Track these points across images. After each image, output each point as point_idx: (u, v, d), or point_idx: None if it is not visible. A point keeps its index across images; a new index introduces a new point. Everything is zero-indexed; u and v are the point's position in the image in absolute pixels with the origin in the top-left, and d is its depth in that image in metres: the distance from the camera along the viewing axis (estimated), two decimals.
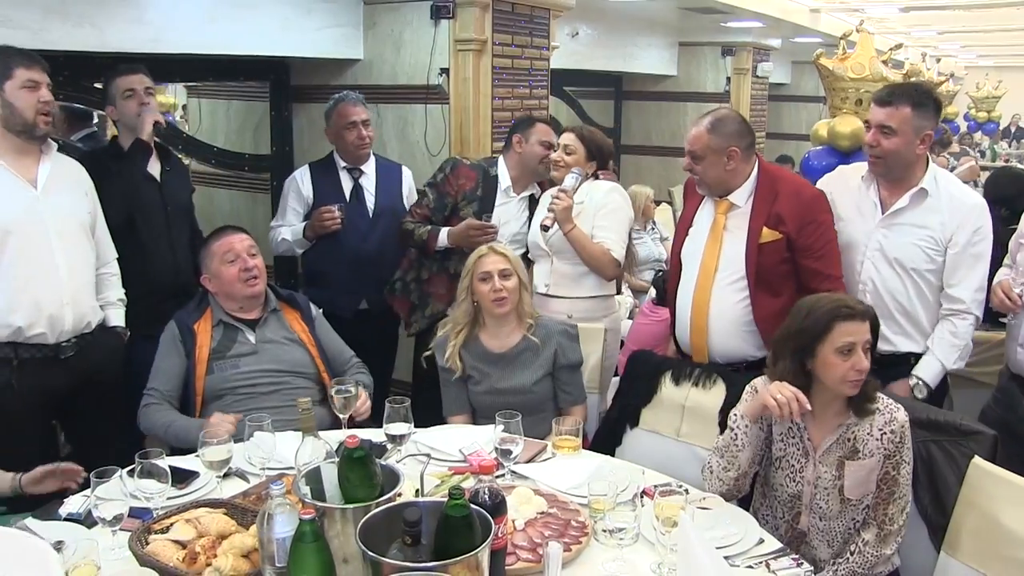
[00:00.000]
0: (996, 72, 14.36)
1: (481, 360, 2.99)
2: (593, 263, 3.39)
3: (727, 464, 2.33)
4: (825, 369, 2.22)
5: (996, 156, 11.64)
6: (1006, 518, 2.07)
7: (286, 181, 3.87)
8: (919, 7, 8.59)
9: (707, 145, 2.85)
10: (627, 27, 7.28)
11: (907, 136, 2.78)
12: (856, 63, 4.06)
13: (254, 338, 2.91)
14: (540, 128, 3.63)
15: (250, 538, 1.86)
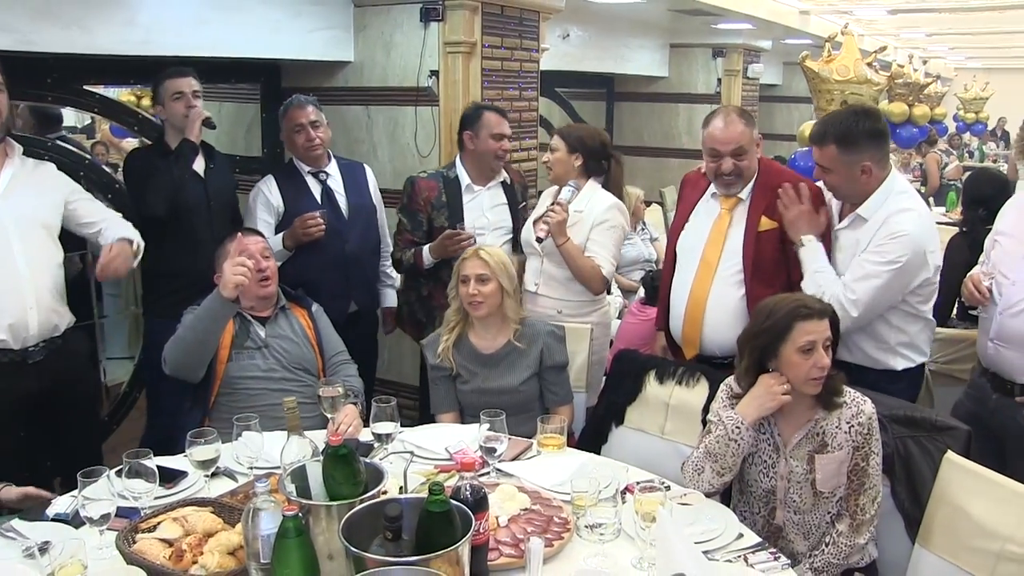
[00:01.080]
0: (984, 74, 14.45)
1: (470, 360, 3.03)
2: (582, 277, 3.42)
3: (722, 470, 2.35)
4: (789, 369, 2.28)
5: (984, 156, 11.71)
6: (976, 510, 2.12)
7: (251, 193, 3.79)
8: (906, 9, 8.63)
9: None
10: (618, 29, 7.31)
11: (840, 172, 2.84)
12: (841, 65, 4.09)
13: (264, 333, 2.98)
14: (489, 119, 3.61)
15: (236, 536, 1.89)
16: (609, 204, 3.48)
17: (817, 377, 2.26)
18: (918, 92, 6.87)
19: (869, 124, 2.82)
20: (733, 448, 2.33)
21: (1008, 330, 2.79)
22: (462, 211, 3.64)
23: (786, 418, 2.36)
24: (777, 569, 2.03)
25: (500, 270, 2.96)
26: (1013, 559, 2.02)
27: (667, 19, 7.50)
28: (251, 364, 2.92)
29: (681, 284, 3.11)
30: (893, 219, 2.77)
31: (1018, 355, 2.79)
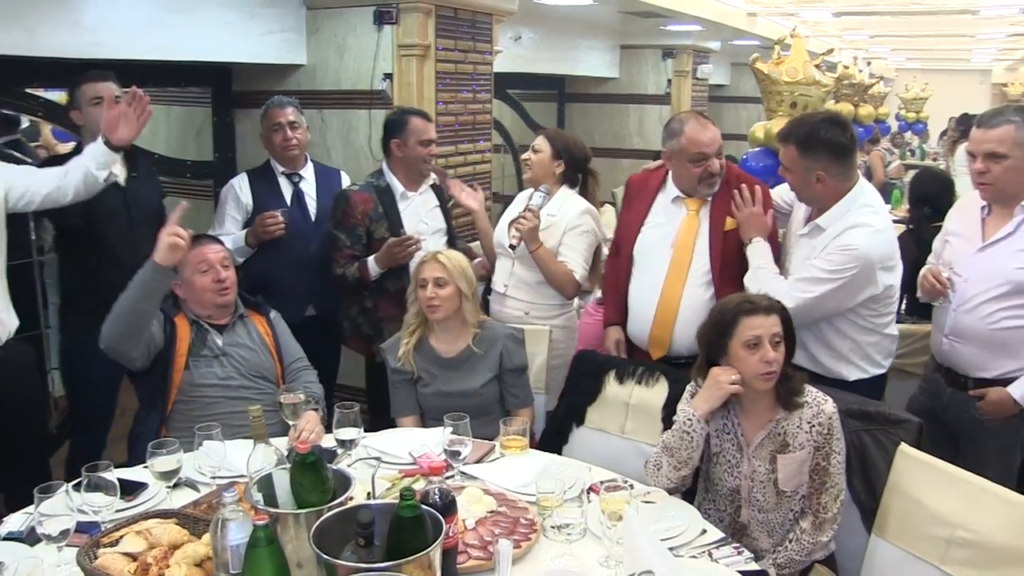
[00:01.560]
0: (923, 75, 14.81)
1: (430, 363, 3.03)
2: (554, 282, 3.44)
3: (679, 463, 2.39)
4: (737, 363, 2.33)
5: (925, 155, 11.99)
6: (928, 499, 2.19)
7: (223, 189, 3.83)
8: (851, 12, 8.81)
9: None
10: (569, 31, 7.35)
11: (797, 174, 2.90)
12: (790, 67, 4.15)
13: (221, 341, 2.94)
14: (415, 125, 3.56)
15: (203, 547, 1.87)
16: (582, 209, 3.49)
17: (765, 372, 2.30)
18: (863, 93, 7.02)
19: (832, 135, 2.84)
20: (687, 441, 2.37)
21: (962, 326, 2.87)
22: (400, 219, 3.60)
23: (748, 418, 2.40)
24: (741, 563, 2.07)
25: (458, 274, 2.96)
26: (963, 544, 2.08)
27: (617, 21, 7.57)
28: (208, 372, 2.88)
29: (646, 287, 3.13)
30: (847, 233, 2.80)
31: (972, 350, 2.87)
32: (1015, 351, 2.80)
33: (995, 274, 2.79)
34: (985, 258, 2.84)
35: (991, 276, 2.80)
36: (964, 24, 10.27)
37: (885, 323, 2.93)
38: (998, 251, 2.82)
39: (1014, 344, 2.80)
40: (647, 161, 8.30)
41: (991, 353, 2.84)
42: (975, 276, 2.85)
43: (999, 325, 2.79)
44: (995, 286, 2.79)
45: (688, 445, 2.37)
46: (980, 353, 2.86)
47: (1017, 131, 2.72)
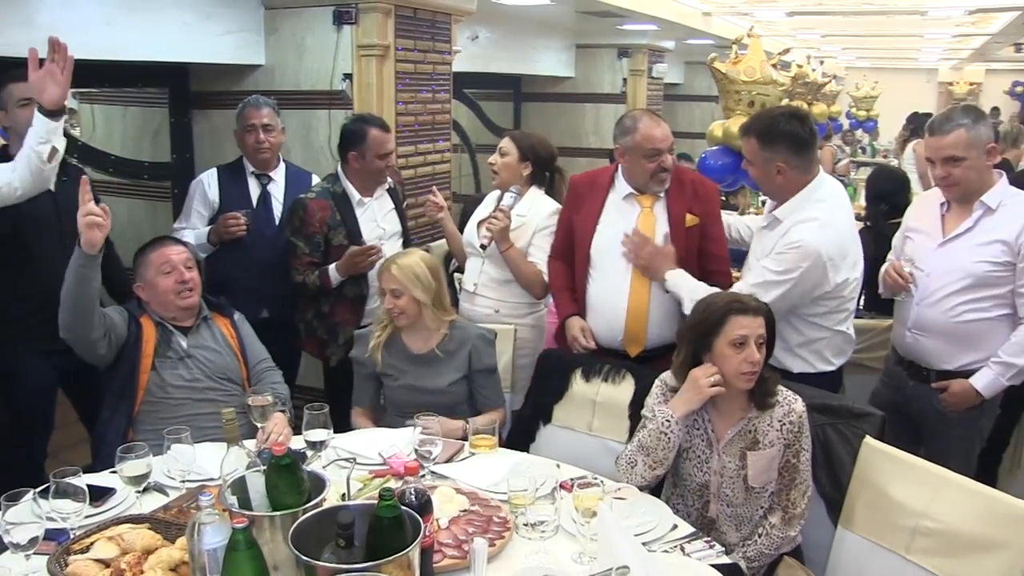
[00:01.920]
0: (872, 73, 15.10)
1: (400, 358, 3.04)
2: (524, 282, 3.46)
3: (655, 463, 2.42)
4: (721, 362, 2.35)
5: (876, 152, 12.22)
6: (894, 491, 2.25)
7: (192, 183, 3.82)
8: (803, 12, 8.95)
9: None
10: (526, 30, 7.37)
11: (758, 167, 2.95)
12: (748, 66, 4.22)
13: (186, 343, 2.92)
14: (374, 139, 3.52)
15: (177, 551, 1.86)
16: (552, 210, 3.49)
17: (748, 372, 2.33)
18: (816, 91, 7.14)
19: (791, 127, 2.89)
20: (664, 442, 2.39)
21: (925, 319, 2.95)
22: (358, 226, 3.59)
23: (720, 415, 2.43)
24: (713, 556, 2.10)
25: (411, 282, 2.94)
26: (928, 533, 2.15)
27: (573, 20, 7.60)
28: (174, 374, 2.86)
29: (611, 286, 3.13)
30: (795, 228, 2.85)
31: (935, 343, 2.95)
32: (976, 343, 2.89)
33: (956, 268, 2.87)
34: (946, 253, 2.92)
35: (952, 270, 2.88)
36: (912, 24, 10.49)
37: (838, 320, 2.94)
38: (958, 246, 2.90)
39: (975, 336, 2.88)
40: (604, 160, 8.40)
41: (953, 346, 2.92)
42: (937, 271, 2.92)
43: (961, 318, 2.88)
44: (956, 280, 2.87)
45: (665, 446, 2.40)
46: (943, 346, 2.93)
47: (968, 133, 2.81)
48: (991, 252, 2.83)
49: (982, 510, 2.08)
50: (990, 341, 2.88)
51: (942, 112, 2.99)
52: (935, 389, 2.96)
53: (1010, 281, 2.83)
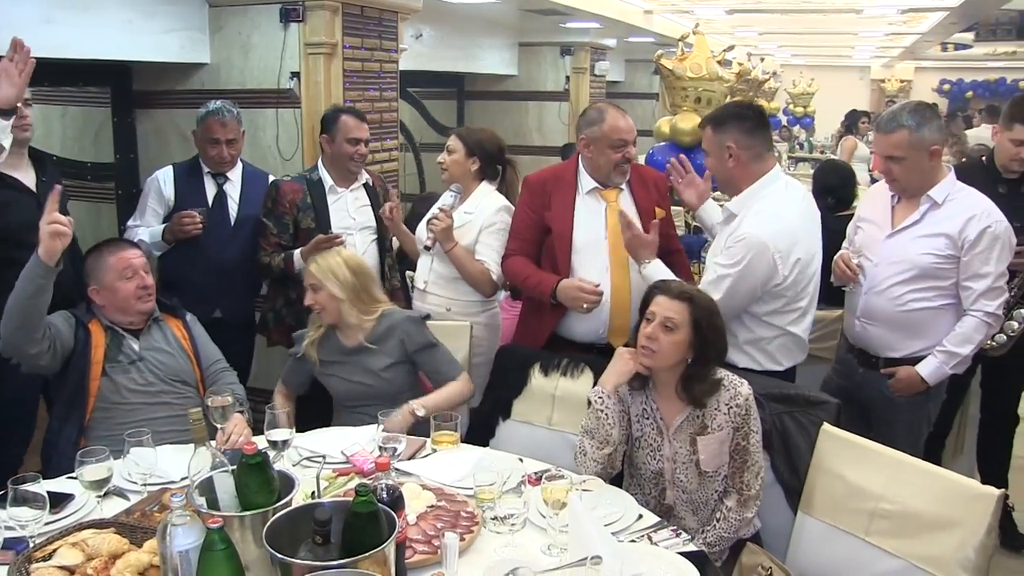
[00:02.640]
0: (808, 71, 15.41)
1: (333, 352, 3.07)
2: (471, 280, 3.46)
3: (600, 442, 2.47)
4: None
5: (812, 148, 12.47)
6: (851, 475, 2.32)
7: (147, 180, 3.77)
8: (743, 9, 9.10)
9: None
10: (469, 28, 7.37)
11: (713, 154, 2.99)
12: (694, 63, 4.29)
13: (138, 346, 2.87)
14: (345, 123, 3.60)
15: (146, 555, 1.83)
16: (499, 206, 3.49)
17: (642, 347, 2.42)
18: (757, 88, 7.27)
19: (740, 109, 2.97)
20: (603, 419, 2.46)
21: (873, 308, 3.02)
22: (328, 212, 3.63)
23: (666, 402, 2.49)
24: (680, 544, 2.14)
25: (328, 278, 2.97)
26: (885, 516, 2.22)
27: (517, 18, 7.63)
28: (126, 379, 2.80)
29: (591, 279, 3.11)
30: (743, 220, 2.89)
31: (882, 331, 3.02)
32: (922, 331, 2.96)
33: (902, 259, 2.95)
34: (894, 244, 2.99)
35: (898, 261, 2.95)
36: (847, 22, 10.75)
37: (789, 319, 2.96)
38: (905, 238, 2.97)
39: (920, 325, 2.96)
40: (548, 157, 8.45)
41: (900, 333, 2.99)
42: (884, 261, 3.00)
43: (907, 307, 2.95)
44: (903, 270, 2.94)
45: (604, 423, 2.45)
46: (889, 334, 3.01)
47: (910, 135, 2.86)
48: (935, 245, 2.90)
49: (936, 491, 2.14)
50: (935, 330, 2.96)
51: (891, 109, 3.05)
52: (883, 375, 3.03)
53: (953, 274, 2.90)
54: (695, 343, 2.41)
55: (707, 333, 2.41)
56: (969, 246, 2.85)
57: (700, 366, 2.42)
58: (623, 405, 2.52)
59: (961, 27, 11.73)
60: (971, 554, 2.03)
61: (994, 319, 2.92)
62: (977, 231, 2.84)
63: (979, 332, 2.91)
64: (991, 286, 2.87)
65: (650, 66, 10.67)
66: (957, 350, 2.92)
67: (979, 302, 2.88)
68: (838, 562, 2.31)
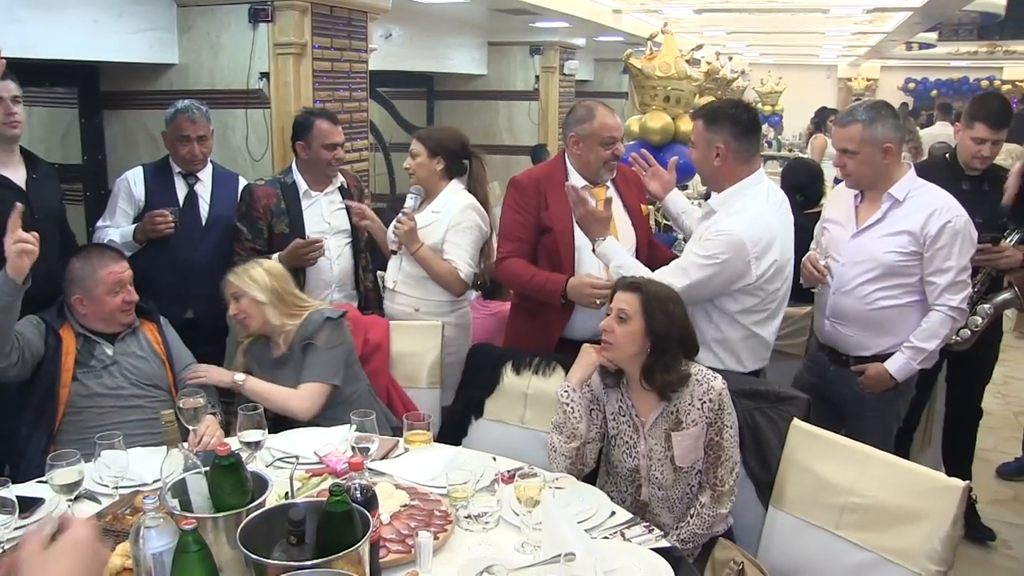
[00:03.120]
0: (776, 69, 15.54)
1: (263, 365, 3.03)
2: (440, 281, 3.46)
3: (568, 437, 2.49)
4: None
5: (781, 146, 12.57)
6: (821, 470, 2.34)
7: (117, 180, 3.72)
8: (711, 8, 9.17)
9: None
10: (439, 28, 7.38)
11: (700, 148, 3.00)
12: (663, 62, 4.30)
13: (111, 351, 2.85)
14: (320, 130, 3.56)
15: (118, 558, 1.82)
16: (464, 205, 3.50)
17: (602, 340, 2.47)
18: (726, 87, 7.32)
19: (736, 112, 2.96)
20: (569, 413, 2.48)
21: (841, 307, 3.06)
22: (302, 217, 3.60)
23: (640, 399, 2.50)
24: (652, 540, 2.15)
25: (247, 285, 2.96)
26: (855, 509, 2.24)
27: (486, 18, 7.64)
28: (97, 383, 2.78)
29: (596, 274, 3.10)
30: (726, 218, 2.90)
31: (852, 331, 3.06)
32: (889, 329, 3.01)
33: (868, 258, 2.99)
34: (859, 243, 3.03)
35: (864, 260, 3.00)
36: (815, 21, 10.86)
37: (757, 320, 2.97)
38: (869, 237, 3.01)
39: (888, 323, 3.00)
40: (518, 157, 8.47)
41: (868, 332, 3.03)
42: (850, 260, 3.04)
43: (875, 305, 2.99)
44: (868, 269, 2.98)
45: (571, 417, 2.48)
46: (860, 333, 3.05)
47: (864, 130, 2.92)
48: (899, 243, 2.94)
49: (904, 484, 2.18)
50: (902, 327, 3.00)
51: (851, 105, 3.13)
52: (854, 372, 3.08)
53: (918, 270, 2.94)
54: (649, 332, 2.42)
55: (659, 321, 2.41)
56: (931, 242, 2.89)
57: (660, 355, 2.42)
58: (596, 403, 2.54)
59: (925, 27, 11.92)
60: (938, 545, 2.06)
61: (959, 313, 2.96)
62: (938, 226, 2.88)
63: (944, 327, 2.95)
64: (954, 280, 2.91)
65: (619, 65, 10.72)
66: (924, 345, 2.96)
67: (943, 297, 2.92)
68: (809, 556, 2.34)
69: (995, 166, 3.52)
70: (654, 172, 3.37)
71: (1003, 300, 3.36)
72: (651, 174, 3.37)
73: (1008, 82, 20.23)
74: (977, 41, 18.79)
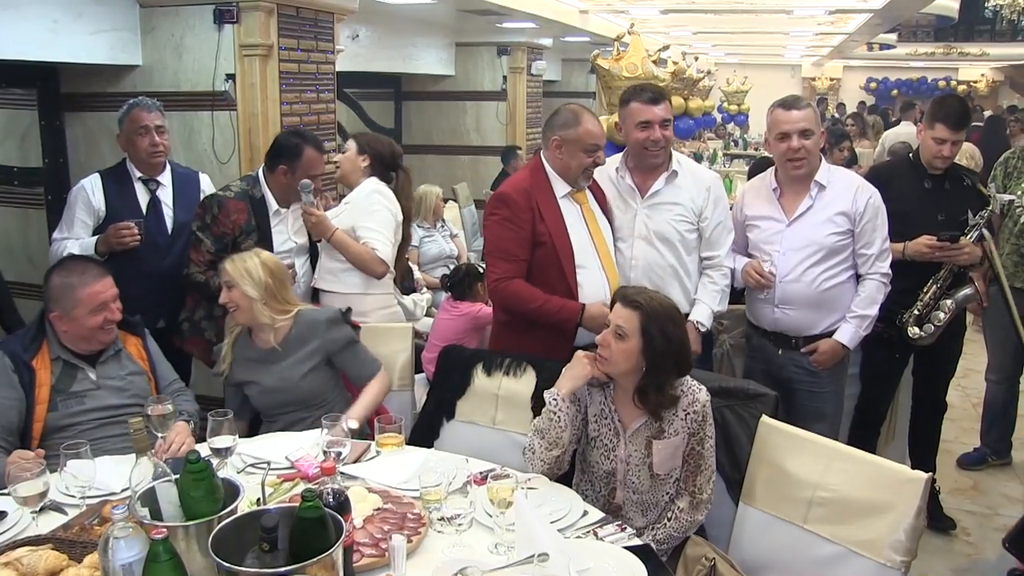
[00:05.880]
0: (741, 69, 15.68)
1: (249, 358, 3.02)
2: (359, 263, 3.52)
3: (550, 444, 2.48)
4: None
5: (747, 145, 12.67)
6: (790, 465, 2.38)
7: (73, 189, 3.59)
8: (677, 9, 9.22)
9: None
10: (406, 28, 7.35)
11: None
12: (630, 63, 4.34)
13: (95, 375, 2.75)
14: (308, 159, 3.51)
15: (85, 570, 1.79)
16: (370, 190, 3.62)
17: (598, 353, 2.46)
18: (692, 86, 7.36)
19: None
20: (555, 421, 2.46)
21: (789, 293, 3.21)
22: (271, 234, 3.54)
23: (624, 407, 2.50)
24: (625, 539, 2.16)
25: (241, 277, 2.95)
26: (823, 504, 2.29)
27: (453, 18, 7.62)
28: (79, 409, 2.68)
29: (595, 283, 3.10)
30: (699, 171, 3.39)
31: (802, 313, 3.23)
32: (835, 307, 3.22)
33: (809, 243, 3.18)
34: (796, 231, 3.22)
35: (806, 246, 3.18)
36: (778, 22, 10.96)
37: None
38: (805, 223, 3.20)
39: (833, 301, 3.21)
40: (487, 157, 8.48)
41: (817, 312, 3.22)
42: (790, 248, 3.21)
43: (821, 287, 3.19)
44: (811, 253, 3.18)
45: (556, 425, 2.46)
46: (810, 314, 3.23)
47: (813, 113, 3.21)
48: (836, 223, 3.16)
49: (869, 477, 2.22)
50: (843, 302, 3.22)
51: (787, 95, 3.32)
52: (805, 353, 3.24)
53: (851, 245, 3.19)
54: (646, 351, 2.39)
55: (657, 342, 2.37)
56: (860, 217, 3.16)
57: (655, 376, 2.39)
58: (579, 406, 2.53)
59: (885, 28, 12.09)
60: (902, 536, 2.12)
61: (888, 278, 3.22)
62: (864, 201, 3.16)
63: (880, 292, 3.21)
64: (882, 248, 3.19)
65: (587, 65, 10.75)
66: (867, 312, 3.20)
67: (875, 265, 3.19)
68: (778, 550, 2.37)
69: (956, 165, 3.62)
70: None
71: (964, 295, 3.45)
72: None
73: (963, 82, 20.74)
74: (934, 43, 19.18)
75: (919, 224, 3.42)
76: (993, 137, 9.55)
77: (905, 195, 3.47)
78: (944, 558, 3.71)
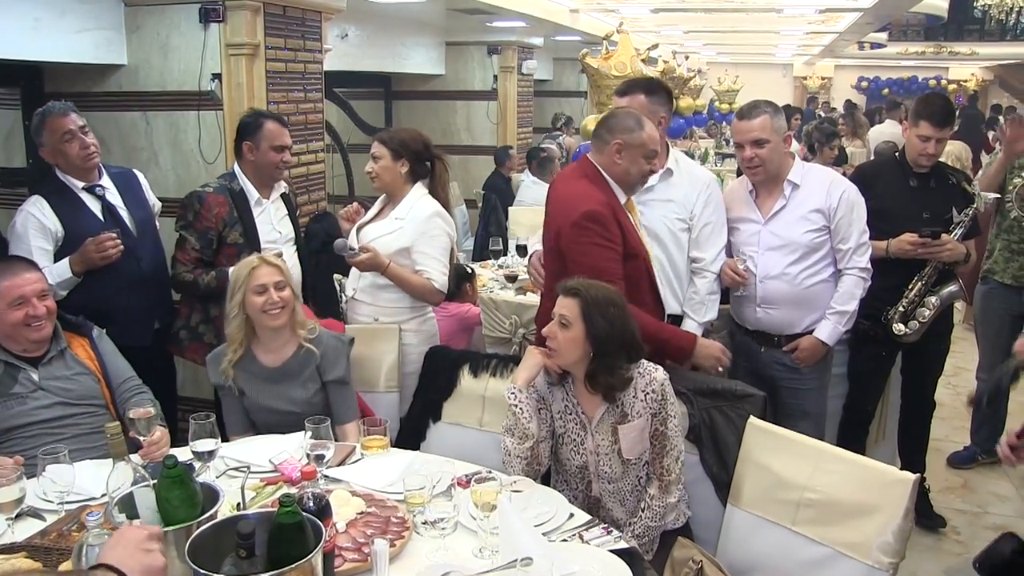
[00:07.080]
0: (733, 68, 15.68)
1: (255, 376, 2.92)
2: (416, 295, 3.38)
3: (520, 438, 2.50)
4: None
5: None
6: (778, 467, 2.37)
7: (16, 220, 3.30)
8: (667, 8, 9.21)
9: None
10: (396, 28, 7.33)
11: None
12: (619, 62, 4.32)
13: (37, 376, 2.69)
14: (269, 130, 3.45)
15: None
16: (430, 213, 3.38)
17: (547, 345, 2.48)
18: (682, 86, 7.35)
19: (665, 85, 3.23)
20: (519, 414, 2.49)
21: (770, 292, 3.22)
22: (255, 225, 3.49)
23: (585, 397, 2.51)
24: (611, 542, 2.15)
25: (289, 277, 2.93)
26: (811, 505, 2.27)
27: (443, 18, 7.61)
28: (22, 411, 2.62)
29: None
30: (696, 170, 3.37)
31: (783, 311, 3.24)
32: (817, 304, 3.22)
33: (787, 242, 3.19)
34: (771, 230, 3.22)
35: (784, 245, 3.20)
36: (769, 21, 10.97)
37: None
38: (781, 222, 3.21)
39: (815, 298, 3.22)
40: (478, 157, 8.45)
41: (799, 311, 3.23)
42: (769, 248, 3.22)
43: (802, 285, 3.20)
44: (789, 252, 3.19)
45: (520, 417, 2.48)
46: (792, 312, 3.24)
47: (771, 119, 3.15)
48: (810, 220, 3.17)
49: (857, 478, 2.22)
50: (826, 300, 3.22)
51: (750, 102, 3.30)
52: (787, 351, 3.25)
53: (829, 242, 3.19)
54: (590, 336, 2.41)
55: (600, 325, 2.40)
56: (834, 213, 3.16)
57: (602, 360, 2.42)
58: (543, 402, 2.55)
59: (875, 27, 12.10)
60: (890, 537, 2.11)
61: (867, 273, 3.21)
62: (838, 197, 3.16)
63: (858, 287, 3.20)
64: (859, 243, 3.18)
65: (577, 64, 10.65)
66: (845, 308, 3.20)
67: (852, 260, 3.19)
68: (767, 552, 2.36)
69: (941, 164, 3.63)
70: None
71: (949, 292, 3.46)
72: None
73: (954, 81, 20.82)
74: (924, 42, 19.25)
75: (905, 222, 3.43)
76: (968, 133, 9.57)
77: (891, 193, 3.50)
78: (934, 556, 3.71)
